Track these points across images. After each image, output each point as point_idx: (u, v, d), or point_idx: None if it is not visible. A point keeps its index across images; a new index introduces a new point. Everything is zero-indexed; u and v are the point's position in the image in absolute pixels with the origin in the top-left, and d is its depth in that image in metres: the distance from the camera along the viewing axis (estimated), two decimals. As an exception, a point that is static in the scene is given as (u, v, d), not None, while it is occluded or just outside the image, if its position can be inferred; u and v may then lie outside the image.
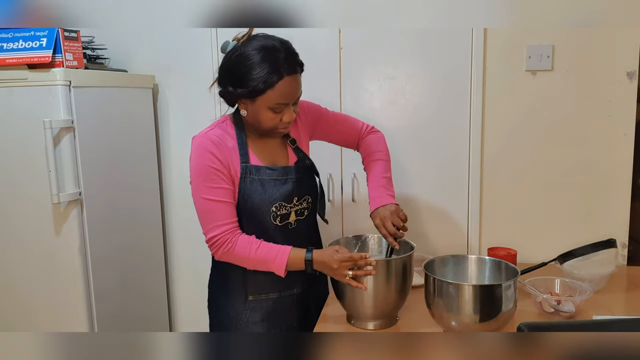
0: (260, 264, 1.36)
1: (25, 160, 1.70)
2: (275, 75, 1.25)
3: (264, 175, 1.38)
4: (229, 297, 1.45)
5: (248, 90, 1.27)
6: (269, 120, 1.32)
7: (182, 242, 2.24)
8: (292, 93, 1.30)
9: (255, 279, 1.42)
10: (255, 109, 1.31)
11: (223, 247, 1.34)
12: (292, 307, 1.49)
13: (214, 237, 1.34)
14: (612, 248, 1.62)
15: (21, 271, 1.78)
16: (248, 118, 1.36)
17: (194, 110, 2.12)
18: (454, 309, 1.21)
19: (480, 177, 1.93)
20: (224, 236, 1.34)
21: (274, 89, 1.26)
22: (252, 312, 1.44)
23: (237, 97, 1.31)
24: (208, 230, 1.36)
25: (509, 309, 1.23)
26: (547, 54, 1.81)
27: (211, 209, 1.34)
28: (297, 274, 1.41)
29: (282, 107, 1.30)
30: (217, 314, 1.50)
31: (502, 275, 1.36)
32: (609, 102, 1.82)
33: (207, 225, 1.36)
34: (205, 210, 1.35)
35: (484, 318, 1.20)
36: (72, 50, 1.71)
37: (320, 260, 1.33)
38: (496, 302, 1.20)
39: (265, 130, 1.36)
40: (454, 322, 1.23)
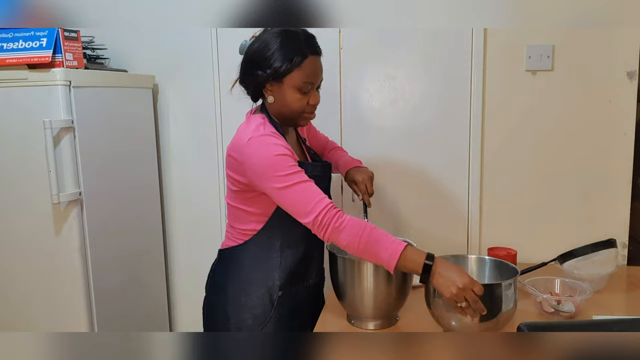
0: (370, 248, 1.24)
1: (25, 160, 1.70)
2: (300, 54, 1.29)
3: (311, 171, 1.35)
4: (252, 295, 1.41)
5: (274, 70, 1.29)
6: (297, 102, 1.33)
7: (182, 242, 2.24)
8: (317, 72, 1.34)
9: (286, 273, 1.41)
10: (282, 92, 1.32)
11: (334, 221, 1.24)
12: (308, 298, 1.52)
13: (321, 212, 1.24)
14: (612, 248, 1.62)
15: (21, 271, 1.78)
16: (275, 105, 1.36)
17: (194, 110, 2.12)
18: (454, 308, 1.21)
19: (480, 177, 1.93)
20: (330, 209, 1.25)
21: (300, 68, 1.29)
22: (280, 307, 1.43)
23: (265, 80, 1.32)
24: (310, 211, 1.25)
25: (509, 309, 1.23)
26: (547, 54, 1.81)
27: (304, 189, 1.26)
28: (314, 264, 1.47)
29: (308, 87, 1.33)
30: (234, 312, 1.43)
31: (502, 275, 1.36)
32: (609, 102, 1.82)
33: (306, 207, 1.26)
34: (299, 194, 1.26)
35: (483, 318, 1.20)
36: (72, 50, 1.71)
37: (443, 272, 1.21)
38: (496, 302, 1.20)
39: (293, 115, 1.36)
40: (453, 322, 1.23)
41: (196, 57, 2.06)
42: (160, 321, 2.22)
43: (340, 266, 1.38)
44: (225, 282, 1.46)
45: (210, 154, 2.12)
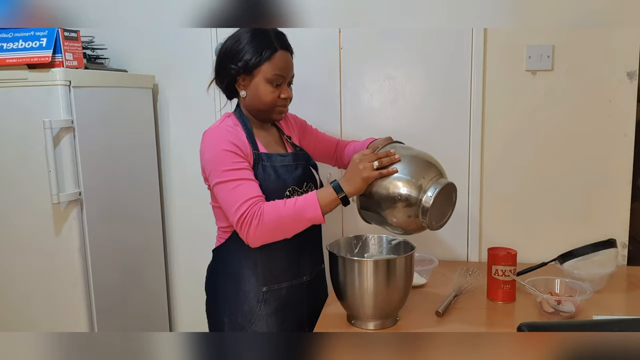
0: (295, 219, 1.27)
1: (25, 160, 1.70)
2: (270, 48, 1.35)
3: (276, 162, 1.40)
4: (239, 293, 1.43)
5: (245, 63, 1.34)
6: (269, 94, 1.37)
7: (182, 242, 2.24)
8: (287, 67, 1.39)
9: (269, 269, 1.42)
10: (254, 85, 1.37)
11: (253, 222, 1.25)
12: (302, 296, 1.51)
13: (242, 215, 1.25)
14: (612, 248, 1.62)
15: (21, 271, 1.78)
16: (248, 100, 1.41)
17: (194, 110, 2.12)
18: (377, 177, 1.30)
19: (480, 177, 1.93)
20: (250, 209, 1.25)
21: (271, 61, 1.35)
22: (266, 304, 1.43)
23: (237, 74, 1.37)
24: (234, 212, 1.26)
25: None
26: (547, 54, 1.81)
27: (235, 189, 1.28)
28: (306, 261, 1.48)
29: (280, 80, 1.37)
30: (226, 312, 1.46)
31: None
32: (609, 102, 1.82)
33: (232, 208, 1.27)
34: (230, 194, 1.28)
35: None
36: (72, 50, 1.71)
37: (347, 177, 1.30)
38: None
39: (266, 108, 1.40)
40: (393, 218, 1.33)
41: (196, 57, 2.06)
42: (160, 321, 2.22)
43: (340, 266, 1.38)
44: (217, 281, 1.50)
45: (210, 154, 2.12)
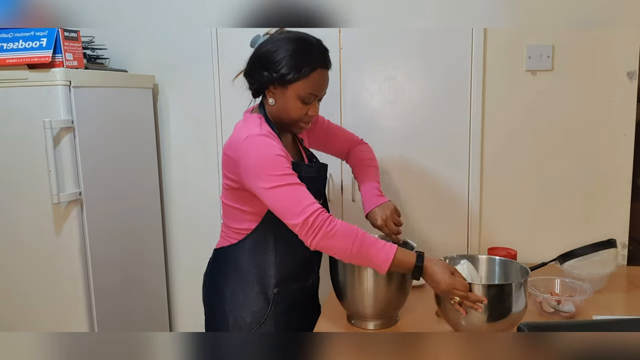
0: (363, 252, 1.23)
1: (25, 160, 1.70)
2: (309, 66, 1.29)
3: (305, 172, 1.36)
4: (248, 293, 1.42)
5: (281, 76, 1.29)
6: (297, 110, 1.33)
7: (182, 242, 2.24)
8: (322, 86, 1.34)
9: (282, 272, 1.42)
10: (284, 98, 1.32)
11: (325, 226, 1.22)
12: (306, 299, 1.53)
13: (310, 216, 1.22)
14: (612, 248, 1.62)
15: (21, 271, 1.78)
16: (274, 108, 1.36)
17: (194, 110, 2.12)
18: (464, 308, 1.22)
19: (480, 177, 1.93)
20: (321, 214, 1.22)
21: (308, 79, 1.29)
22: (276, 305, 1.43)
23: (270, 82, 1.32)
24: (299, 213, 1.23)
25: (519, 311, 1.22)
26: (547, 54, 1.81)
27: (295, 192, 1.25)
28: (313, 263, 1.48)
29: (311, 98, 1.33)
30: (232, 312, 1.44)
31: (512, 275, 1.36)
32: (609, 102, 1.82)
33: (295, 210, 1.23)
34: (289, 196, 1.25)
35: (493, 318, 1.20)
36: (72, 50, 1.71)
37: (432, 273, 1.25)
38: (505, 302, 1.20)
39: (290, 122, 1.36)
40: (463, 321, 1.23)
41: (196, 57, 2.06)
42: (160, 321, 2.22)
43: (340, 266, 1.38)
44: (223, 281, 1.47)
45: (210, 153, 2.12)
